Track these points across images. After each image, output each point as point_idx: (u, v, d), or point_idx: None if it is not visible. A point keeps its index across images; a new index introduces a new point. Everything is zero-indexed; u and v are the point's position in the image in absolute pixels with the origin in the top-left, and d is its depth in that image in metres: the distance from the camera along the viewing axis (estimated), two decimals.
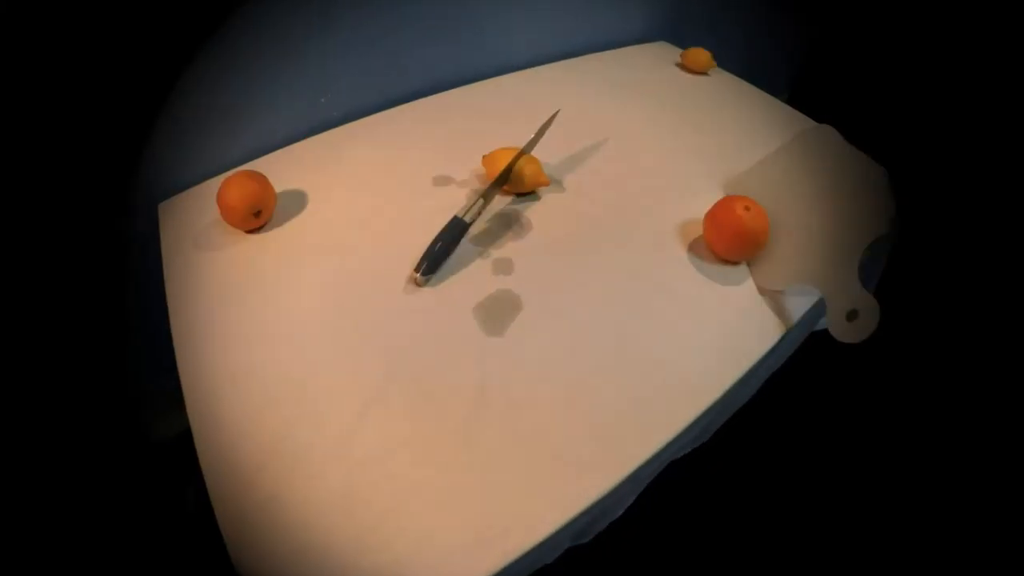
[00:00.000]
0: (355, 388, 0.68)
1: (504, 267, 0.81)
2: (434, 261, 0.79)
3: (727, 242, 0.82)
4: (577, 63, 1.28)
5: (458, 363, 0.70)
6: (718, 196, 0.87)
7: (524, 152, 0.91)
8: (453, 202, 0.89)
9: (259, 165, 0.95)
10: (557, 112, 0.94)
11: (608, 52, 1.34)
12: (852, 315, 0.69)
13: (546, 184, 0.92)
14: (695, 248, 0.85)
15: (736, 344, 0.74)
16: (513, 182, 0.91)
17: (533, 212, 0.90)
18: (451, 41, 1.12)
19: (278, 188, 0.88)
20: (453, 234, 0.82)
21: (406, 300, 0.77)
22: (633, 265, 0.82)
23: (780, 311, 0.78)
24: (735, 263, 0.83)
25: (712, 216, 0.83)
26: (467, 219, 0.83)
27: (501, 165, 0.90)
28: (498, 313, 0.76)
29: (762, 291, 0.80)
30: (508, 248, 0.84)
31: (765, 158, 0.99)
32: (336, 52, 0.99)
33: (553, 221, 0.89)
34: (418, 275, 0.77)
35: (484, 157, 0.93)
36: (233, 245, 0.83)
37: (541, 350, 0.72)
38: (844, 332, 0.69)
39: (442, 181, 0.94)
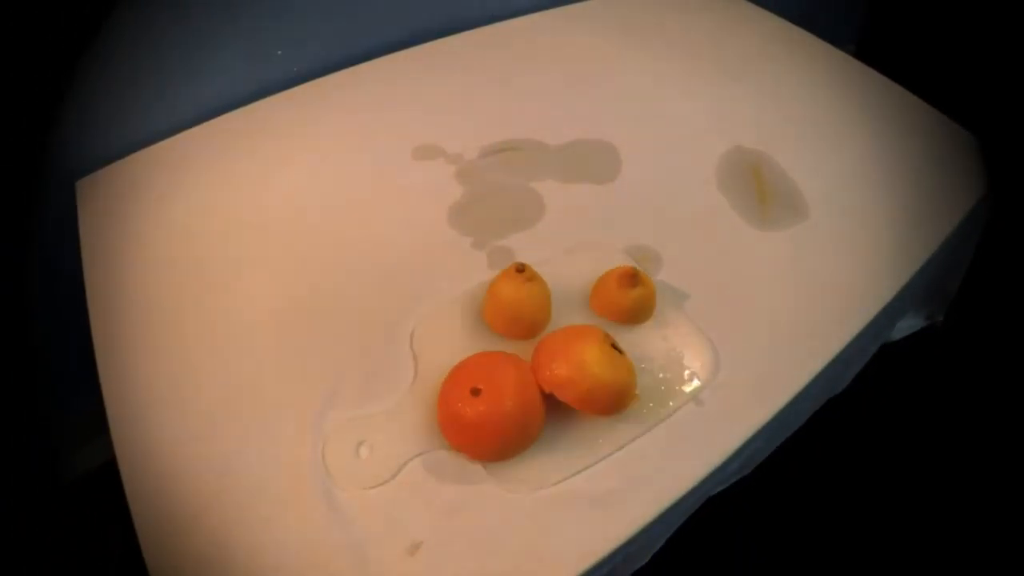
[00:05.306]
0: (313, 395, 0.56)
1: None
2: None
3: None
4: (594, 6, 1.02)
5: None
6: None
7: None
8: (439, 179, 0.75)
9: (198, 133, 0.80)
10: None
11: None
12: None
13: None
14: None
15: (783, 361, 0.61)
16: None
17: None
18: None
19: (222, 159, 0.75)
20: None
21: (377, 299, 0.64)
22: None
23: (837, 316, 0.64)
24: None
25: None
26: None
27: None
28: None
29: None
30: None
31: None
32: None
33: None
34: None
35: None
36: (167, 227, 0.69)
37: None
38: None
39: (427, 152, 0.79)
